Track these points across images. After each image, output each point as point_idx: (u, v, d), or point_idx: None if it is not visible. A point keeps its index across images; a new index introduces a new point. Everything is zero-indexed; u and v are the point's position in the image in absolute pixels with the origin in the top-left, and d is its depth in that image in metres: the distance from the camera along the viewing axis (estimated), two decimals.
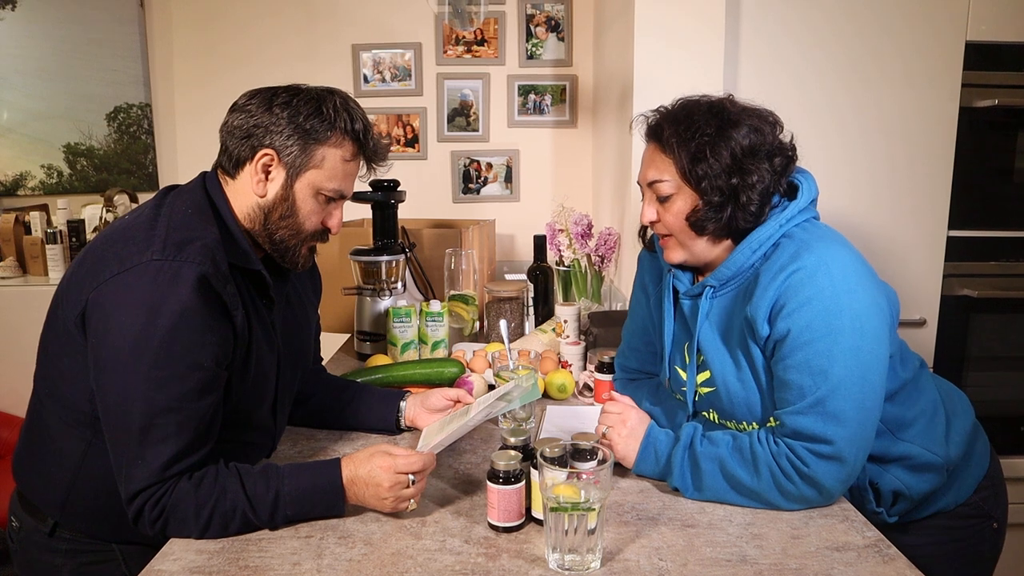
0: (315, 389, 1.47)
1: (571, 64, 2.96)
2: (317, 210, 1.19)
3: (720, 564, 0.98)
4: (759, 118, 1.18)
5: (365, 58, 2.95)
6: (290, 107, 1.13)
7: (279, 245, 1.20)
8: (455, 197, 3.05)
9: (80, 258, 1.14)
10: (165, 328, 1.01)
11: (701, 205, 1.17)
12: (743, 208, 1.16)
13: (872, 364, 1.09)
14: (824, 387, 1.07)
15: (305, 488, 1.08)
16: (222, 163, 1.18)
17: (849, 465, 1.09)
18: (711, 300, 1.23)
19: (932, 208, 2.08)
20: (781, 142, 1.20)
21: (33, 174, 3.06)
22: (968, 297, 2.14)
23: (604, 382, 1.55)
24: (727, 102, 1.20)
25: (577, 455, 1.06)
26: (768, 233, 1.17)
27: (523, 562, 0.99)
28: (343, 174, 1.18)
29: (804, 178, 1.22)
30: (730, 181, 1.15)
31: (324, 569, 0.97)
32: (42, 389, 1.18)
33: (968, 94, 2.04)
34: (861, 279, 1.11)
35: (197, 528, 1.04)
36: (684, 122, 1.17)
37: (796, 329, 1.09)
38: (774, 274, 1.12)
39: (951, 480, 1.27)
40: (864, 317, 1.09)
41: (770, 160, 1.17)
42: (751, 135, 1.16)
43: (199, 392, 1.05)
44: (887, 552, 1.01)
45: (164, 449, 1.02)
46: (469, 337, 2.05)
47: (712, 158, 1.15)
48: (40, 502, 1.19)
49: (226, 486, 1.05)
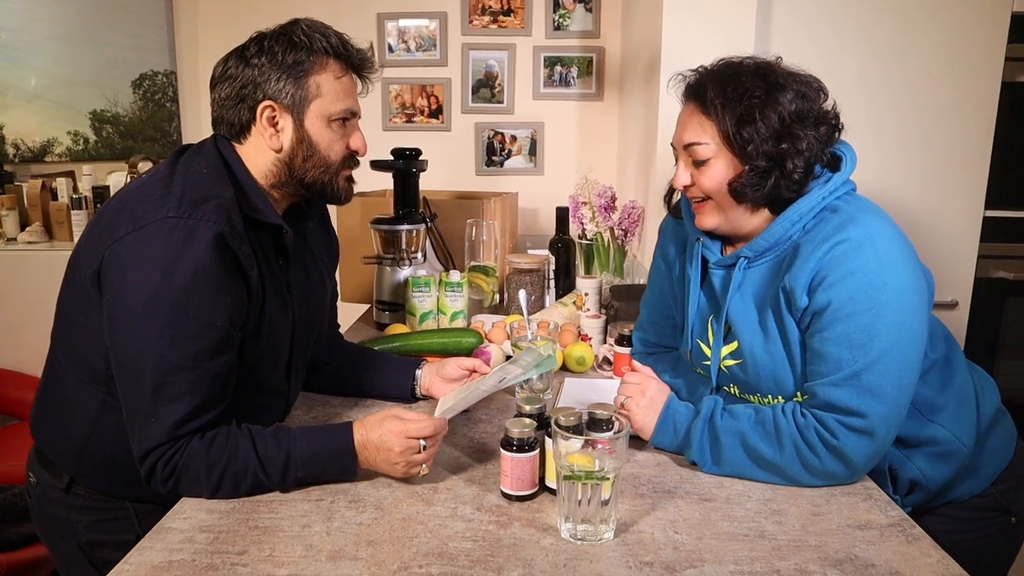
0: (331, 355, 1.46)
1: (598, 36, 2.91)
2: (336, 138, 1.18)
3: (737, 538, 0.96)
4: (805, 84, 1.14)
5: (390, 27, 2.92)
6: (265, 52, 1.12)
7: (315, 185, 1.19)
8: (478, 169, 3.02)
9: (96, 216, 1.13)
10: (180, 286, 1.00)
11: (745, 171, 1.12)
12: (787, 176, 1.11)
13: (912, 341, 1.06)
14: (862, 360, 1.05)
15: (317, 451, 1.07)
16: (226, 134, 1.17)
17: (879, 441, 1.06)
18: (744, 271, 1.19)
19: (968, 187, 2.02)
20: (826, 110, 1.15)
21: (60, 140, 3.08)
22: (1003, 280, 2.08)
23: (623, 355, 1.53)
24: (775, 64, 1.15)
25: (593, 425, 1.03)
26: (810, 204, 1.13)
27: (535, 531, 0.97)
28: (344, 92, 1.17)
29: (846, 149, 1.18)
30: (779, 147, 1.10)
31: (333, 532, 0.96)
32: (59, 347, 1.18)
33: (1011, 68, 1.96)
34: (905, 255, 1.08)
35: (208, 487, 1.03)
36: (731, 83, 1.12)
37: (838, 301, 1.06)
38: (816, 245, 1.09)
39: (967, 469, 1.23)
40: (907, 293, 1.06)
41: (816, 128, 1.12)
42: (798, 100, 1.11)
43: (212, 351, 1.04)
44: (911, 532, 0.98)
45: (177, 407, 1.02)
46: (489, 309, 2.03)
47: (761, 122, 1.10)
48: (56, 458, 1.19)
49: (238, 446, 1.04)
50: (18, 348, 2.76)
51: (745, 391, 1.21)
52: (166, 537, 0.95)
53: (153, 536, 0.95)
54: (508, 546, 0.94)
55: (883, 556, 0.92)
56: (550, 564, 0.90)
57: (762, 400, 1.18)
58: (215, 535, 0.95)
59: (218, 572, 0.88)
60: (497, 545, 0.94)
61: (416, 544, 0.94)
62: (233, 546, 0.93)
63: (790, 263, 1.12)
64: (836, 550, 0.93)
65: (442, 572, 0.88)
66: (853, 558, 0.92)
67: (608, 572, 0.89)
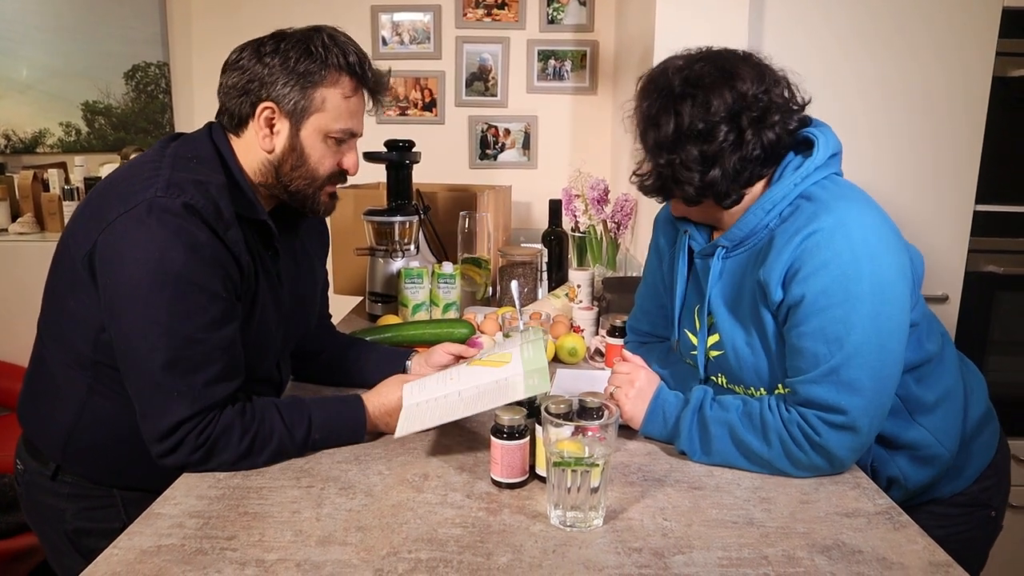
0: (323, 345, 1.46)
1: (592, 30, 2.91)
2: (328, 154, 1.17)
3: (725, 525, 0.96)
4: (742, 80, 1.09)
5: (384, 20, 2.92)
6: (279, 54, 1.11)
7: (297, 195, 1.19)
8: (472, 163, 3.02)
9: (85, 201, 1.13)
10: (180, 261, 1.00)
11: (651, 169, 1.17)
12: (712, 175, 1.12)
13: (892, 331, 1.04)
14: (839, 355, 1.03)
15: (333, 414, 1.14)
16: (224, 123, 1.17)
17: (863, 435, 1.06)
18: (723, 260, 1.19)
19: (959, 181, 2.03)
20: (774, 101, 1.10)
21: (52, 131, 3.06)
22: (993, 274, 2.09)
23: (615, 346, 1.53)
24: (710, 65, 1.12)
25: (584, 413, 1.03)
26: (783, 192, 1.11)
27: (524, 518, 0.98)
28: (348, 112, 1.16)
29: (821, 132, 1.14)
30: (680, 149, 1.11)
31: (323, 518, 0.96)
32: (46, 332, 1.18)
33: (1002, 63, 1.97)
34: (884, 240, 1.05)
35: (237, 454, 1.06)
36: (652, 84, 1.16)
37: (811, 294, 1.04)
38: (789, 236, 1.07)
39: (950, 471, 1.23)
40: (886, 282, 1.04)
41: (759, 123, 1.09)
42: (710, 103, 1.08)
43: (220, 321, 1.05)
44: (898, 519, 0.98)
45: (196, 378, 1.03)
46: (482, 301, 2.03)
47: (659, 126, 1.13)
48: (43, 445, 1.19)
49: (265, 413, 1.09)
50: (9, 339, 2.76)
51: (731, 381, 1.21)
52: (155, 522, 0.95)
53: (142, 521, 0.95)
54: (497, 532, 0.94)
55: (870, 543, 0.93)
56: (539, 550, 0.90)
57: (747, 391, 1.19)
58: (205, 520, 0.95)
59: (207, 557, 0.88)
60: (486, 531, 0.94)
61: (406, 530, 0.94)
62: (223, 531, 0.93)
63: (765, 255, 1.11)
64: (824, 537, 0.94)
65: (431, 557, 0.88)
66: (841, 544, 0.92)
67: (596, 558, 0.89)
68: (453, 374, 1.20)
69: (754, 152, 1.10)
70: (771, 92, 1.10)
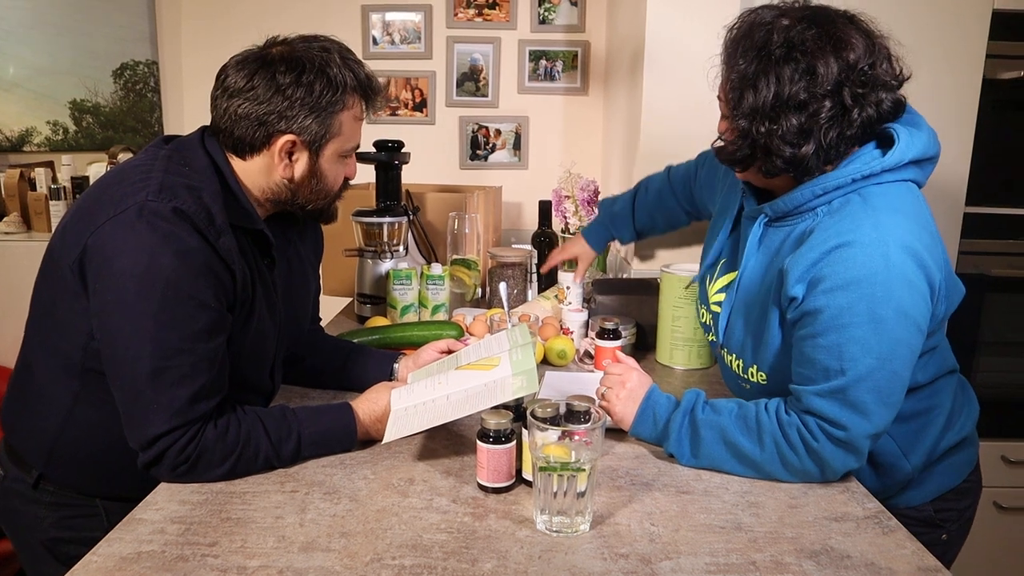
0: (311, 349, 1.44)
1: (584, 30, 2.90)
2: (340, 170, 1.20)
3: (713, 530, 0.95)
4: (853, 50, 1.04)
5: (375, 19, 2.89)
6: (301, 86, 1.08)
7: (313, 211, 1.22)
8: (462, 163, 3.00)
9: (75, 205, 1.11)
10: (169, 267, 0.99)
11: (729, 130, 1.12)
12: (775, 150, 1.07)
13: (906, 359, 1.02)
14: (851, 375, 1.00)
15: (323, 428, 1.13)
16: (225, 143, 1.13)
17: (859, 454, 1.05)
18: (763, 227, 1.16)
19: (948, 183, 2.02)
20: (878, 80, 1.04)
21: (39, 130, 3.03)
22: (984, 276, 2.09)
23: (605, 349, 1.52)
24: (819, 27, 1.05)
25: (571, 416, 1.02)
26: (837, 181, 1.06)
27: (510, 523, 0.97)
28: (357, 130, 1.19)
29: (908, 131, 1.07)
30: (767, 116, 1.05)
31: (307, 523, 0.95)
32: (33, 337, 1.16)
33: (992, 65, 1.97)
34: (923, 268, 1.01)
35: (220, 473, 1.04)
36: (746, 38, 1.08)
37: (834, 308, 1.00)
38: (827, 236, 1.03)
39: (909, 483, 1.21)
40: (913, 310, 1.00)
41: (852, 103, 1.03)
42: (816, 72, 1.03)
43: (208, 332, 1.03)
44: (887, 524, 0.98)
45: (180, 392, 1.01)
46: (471, 303, 2.02)
47: (752, 88, 1.06)
48: (26, 452, 1.17)
49: (250, 431, 1.07)
50: None
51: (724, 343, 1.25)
52: (136, 528, 0.93)
53: (123, 527, 0.94)
54: (483, 538, 0.93)
55: (859, 548, 0.92)
56: (524, 556, 0.89)
57: (728, 357, 1.22)
58: (186, 526, 0.94)
59: (188, 564, 0.86)
60: (472, 537, 0.93)
61: (390, 536, 0.93)
62: (204, 537, 0.92)
63: (800, 242, 1.08)
64: (812, 542, 0.93)
65: (415, 564, 0.87)
66: (829, 550, 0.92)
67: (583, 564, 0.88)
68: (441, 379, 1.19)
69: (851, 130, 1.05)
70: (877, 65, 1.05)
